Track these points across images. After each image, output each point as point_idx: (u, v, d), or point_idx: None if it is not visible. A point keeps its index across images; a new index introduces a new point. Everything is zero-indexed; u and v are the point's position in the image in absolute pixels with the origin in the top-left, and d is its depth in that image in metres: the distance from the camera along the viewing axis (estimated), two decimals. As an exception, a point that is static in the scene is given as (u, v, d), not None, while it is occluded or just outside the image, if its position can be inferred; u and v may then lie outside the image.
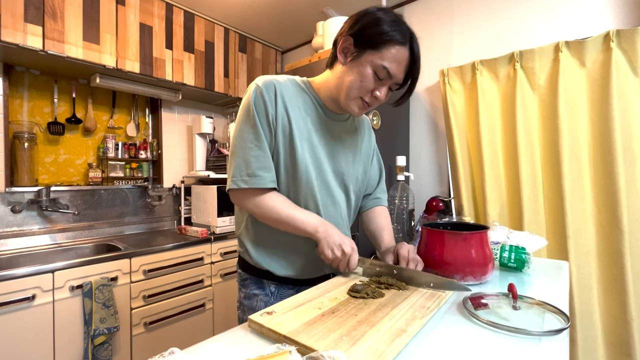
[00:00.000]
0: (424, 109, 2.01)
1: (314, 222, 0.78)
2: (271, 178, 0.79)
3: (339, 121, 0.89)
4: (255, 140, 0.78)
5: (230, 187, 0.80)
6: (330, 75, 0.83)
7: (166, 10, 1.98)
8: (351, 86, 0.76)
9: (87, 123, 2.01)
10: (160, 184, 2.30)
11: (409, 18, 2.04)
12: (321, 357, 0.44)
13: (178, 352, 0.45)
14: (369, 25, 0.73)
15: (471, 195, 1.73)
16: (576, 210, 1.40)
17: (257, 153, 0.78)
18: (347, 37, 0.76)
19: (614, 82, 1.30)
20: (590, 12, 1.47)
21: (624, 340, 1.30)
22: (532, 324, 0.58)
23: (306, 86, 0.85)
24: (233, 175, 0.79)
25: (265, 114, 0.78)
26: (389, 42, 0.72)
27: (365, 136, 0.99)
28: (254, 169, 0.77)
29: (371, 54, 0.73)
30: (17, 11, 1.46)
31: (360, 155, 0.95)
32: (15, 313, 1.29)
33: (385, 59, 0.73)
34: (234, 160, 0.80)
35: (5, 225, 1.70)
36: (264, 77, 0.81)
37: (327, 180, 0.85)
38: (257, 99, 0.78)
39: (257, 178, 0.77)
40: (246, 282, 0.90)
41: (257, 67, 2.56)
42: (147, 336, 1.65)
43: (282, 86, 0.80)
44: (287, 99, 0.80)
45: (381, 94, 0.77)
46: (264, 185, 0.78)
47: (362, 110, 0.81)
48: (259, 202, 0.79)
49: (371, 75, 0.74)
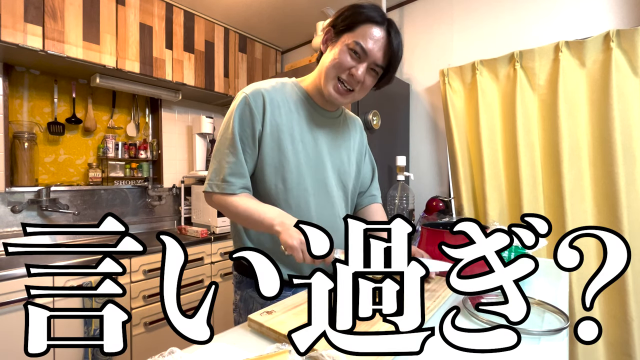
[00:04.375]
0: (424, 109, 2.01)
1: (270, 214, 0.75)
2: (241, 185, 0.80)
3: (330, 118, 0.89)
4: (231, 147, 0.79)
5: (205, 189, 0.83)
6: (315, 69, 0.86)
7: (166, 10, 1.98)
8: (328, 66, 0.78)
9: (87, 123, 2.01)
10: (160, 184, 2.30)
11: (409, 18, 2.04)
12: (321, 357, 0.44)
13: (178, 351, 0.45)
14: (346, 12, 0.78)
15: (471, 195, 1.73)
16: (576, 210, 1.40)
17: (230, 160, 0.79)
18: (328, 29, 0.81)
19: (614, 82, 1.30)
20: (590, 12, 1.47)
21: (624, 340, 1.30)
22: (531, 323, 0.58)
23: (296, 86, 0.87)
24: (210, 178, 0.82)
25: (250, 123, 0.79)
26: (364, 22, 0.75)
27: (357, 134, 0.99)
28: (225, 174, 0.79)
29: (347, 34, 0.76)
30: (17, 11, 1.46)
31: (353, 152, 0.95)
32: (15, 313, 1.29)
33: (359, 36, 0.75)
34: (212, 164, 0.82)
35: (5, 225, 1.70)
36: (253, 85, 0.82)
37: (324, 179, 0.85)
38: (244, 109, 0.79)
39: (227, 184, 0.79)
40: (242, 285, 0.90)
41: (257, 67, 2.56)
42: (147, 336, 1.65)
43: (270, 93, 0.81)
44: (277, 105, 0.81)
45: (358, 73, 0.76)
46: (233, 192, 0.79)
47: (342, 93, 0.80)
48: (225, 203, 0.81)
49: (346, 53, 0.76)
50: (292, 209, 0.81)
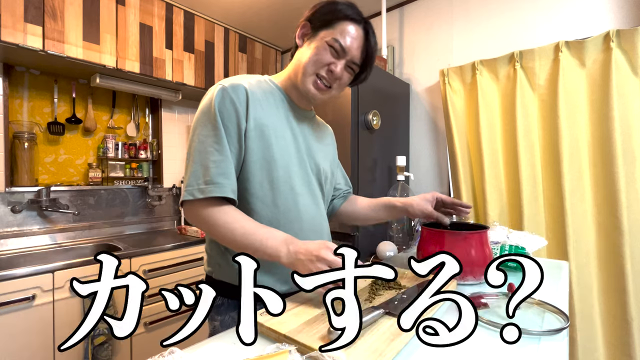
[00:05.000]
0: (424, 109, 2.01)
1: (273, 243, 0.65)
2: (231, 187, 0.69)
3: (307, 117, 0.87)
4: (216, 144, 0.69)
5: (184, 198, 0.69)
6: (290, 65, 0.83)
7: (166, 10, 1.98)
8: (307, 62, 0.76)
9: (87, 123, 2.00)
10: (160, 184, 2.30)
11: (409, 18, 2.04)
12: (321, 357, 0.44)
13: (178, 352, 0.45)
14: (324, 8, 0.77)
15: (471, 195, 1.73)
16: (576, 210, 1.40)
17: (217, 158, 0.69)
18: (305, 23, 0.79)
19: (614, 82, 1.30)
20: (590, 12, 1.47)
21: (624, 340, 1.30)
22: (531, 323, 0.59)
23: (272, 82, 0.83)
24: (188, 183, 0.69)
25: (235, 117, 0.71)
26: (342, 19, 0.75)
27: (329, 137, 0.97)
28: (212, 175, 0.68)
29: (325, 31, 0.75)
30: (17, 11, 1.46)
31: (328, 154, 0.93)
32: (15, 313, 1.29)
33: (338, 33, 0.74)
34: (190, 167, 0.70)
35: (5, 225, 1.70)
36: (229, 79, 0.76)
37: (308, 178, 0.82)
38: (224, 102, 0.71)
39: (215, 186, 0.67)
40: (221, 309, 0.78)
41: (257, 67, 2.56)
42: (147, 336, 1.65)
43: (251, 87, 0.76)
44: (258, 99, 0.75)
45: (337, 69, 0.75)
46: (223, 194, 0.68)
47: (319, 90, 0.77)
48: (212, 215, 0.69)
49: (325, 49, 0.75)
50: (280, 210, 0.76)
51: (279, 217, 0.76)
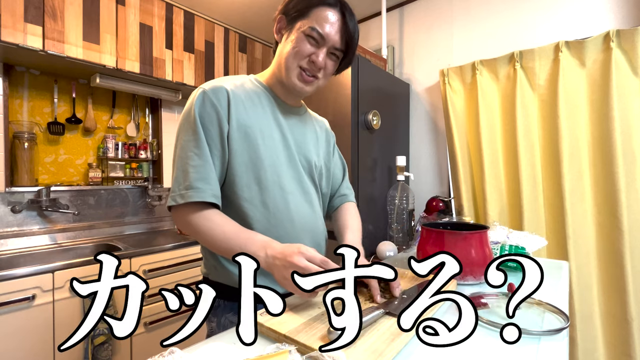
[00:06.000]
0: (424, 109, 2.01)
1: (252, 247, 0.64)
2: (211, 191, 0.69)
3: (295, 114, 0.85)
4: (195, 149, 0.69)
5: (168, 203, 0.70)
6: (273, 61, 0.81)
7: (166, 10, 1.98)
8: (287, 56, 0.74)
9: (87, 123, 2.00)
10: (161, 184, 2.30)
11: (409, 18, 2.04)
12: (321, 357, 0.44)
13: (178, 352, 0.45)
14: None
15: (471, 195, 1.73)
16: (576, 210, 1.40)
17: (196, 162, 0.69)
18: (280, 17, 0.78)
19: (614, 82, 1.30)
20: (590, 12, 1.47)
21: (624, 340, 1.30)
22: (531, 323, 0.59)
23: (256, 81, 0.82)
24: (172, 189, 0.70)
25: (216, 119, 0.71)
26: (316, 5, 0.73)
27: (323, 133, 0.95)
28: (191, 180, 0.68)
29: (301, 21, 0.74)
30: (17, 11, 1.46)
31: (321, 150, 0.91)
32: (15, 313, 1.29)
33: (314, 21, 0.72)
34: (174, 173, 0.72)
35: (5, 225, 1.70)
36: (211, 81, 0.75)
37: (299, 176, 0.80)
38: (204, 105, 0.71)
39: (194, 190, 0.67)
40: (217, 310, 0.77)
41: (257, 67, 2.56)
42: (147, 336, 1.65)
43: (235, 88, 0.75)
44: (240, 100, 0.74)
45: (319, 59, 0.73)
46: (202, 199, 0.67)
47: (305, 82, 0.76)
48: (194, 220, 0.69)
49: (303, 40, 0.73)
50: (269, 210, 0.75)
51: (270, 218, 0.75)
